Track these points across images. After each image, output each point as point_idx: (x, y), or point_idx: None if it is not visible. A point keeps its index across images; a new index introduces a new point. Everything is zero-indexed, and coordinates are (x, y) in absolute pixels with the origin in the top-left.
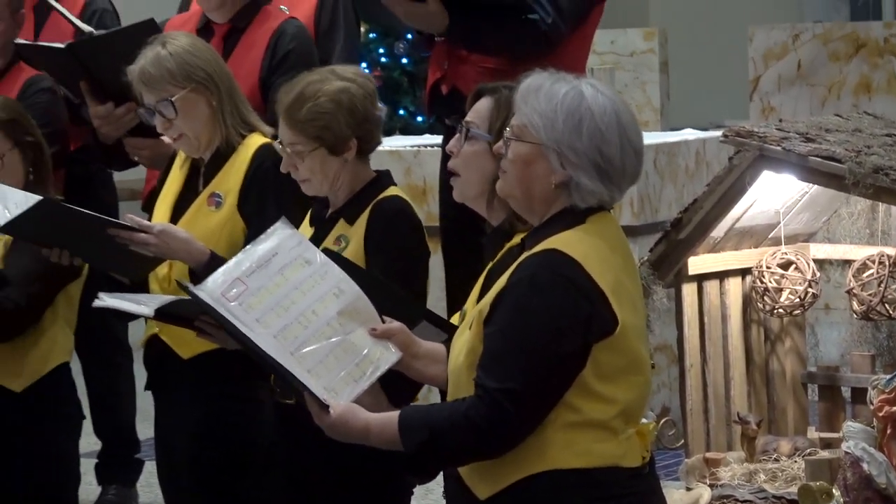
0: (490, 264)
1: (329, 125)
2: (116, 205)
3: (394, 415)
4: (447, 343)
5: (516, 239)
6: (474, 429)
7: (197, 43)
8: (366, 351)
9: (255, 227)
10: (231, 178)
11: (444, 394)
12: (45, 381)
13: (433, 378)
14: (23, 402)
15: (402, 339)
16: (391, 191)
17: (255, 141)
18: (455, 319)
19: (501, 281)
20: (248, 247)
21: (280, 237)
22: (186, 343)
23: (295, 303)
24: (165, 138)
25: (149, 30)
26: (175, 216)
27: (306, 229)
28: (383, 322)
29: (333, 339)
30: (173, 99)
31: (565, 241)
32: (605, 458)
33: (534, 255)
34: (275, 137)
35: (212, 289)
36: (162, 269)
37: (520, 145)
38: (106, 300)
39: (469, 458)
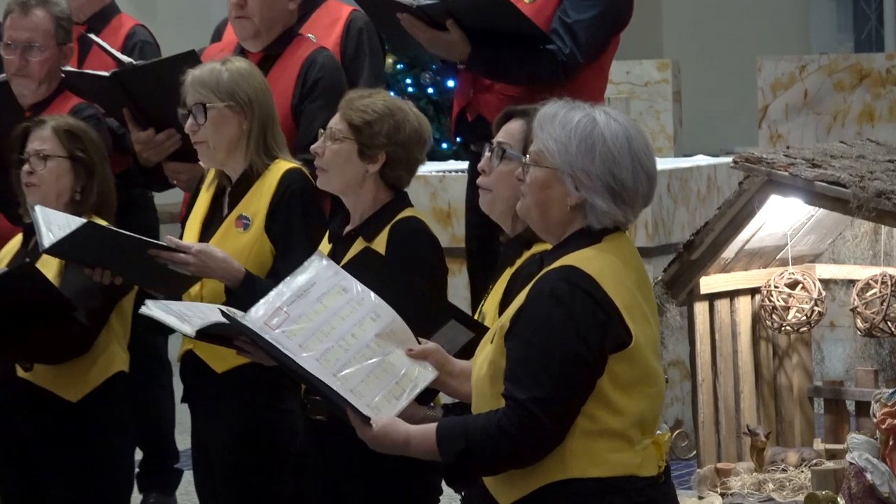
0: (510, 269)
1: (371, 123)
2: (157, 226)
3: (432, 427)
4: (472, 346)
5: (536, 247)
6: (508, 438)
7: (255, 72)
8: (404, 370)
9: (281, 248)
10: (258, 200)
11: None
12: (100, 390)
13: (467, 394)
14: (79, 412)
15: (438, 358)
16: (408, 211)
17: (282, 166)
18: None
19: (521, 297)
20: (286, 278)
21: (317, 268)
22: (220, 358)
23: (335, 328)
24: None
25: (190, 60)
26: (203, 237)
27: (325, 246)
28: (419, 343)
29: (373, 360)
30: (207, 105)
31: (582, 258)
32: (623, 467)
33: (552, 270)
34: (310, 167)
35: (255, 318)
36: (194, 288)
37: (537, 170)
38: (152, 309)
39: (504, 465)
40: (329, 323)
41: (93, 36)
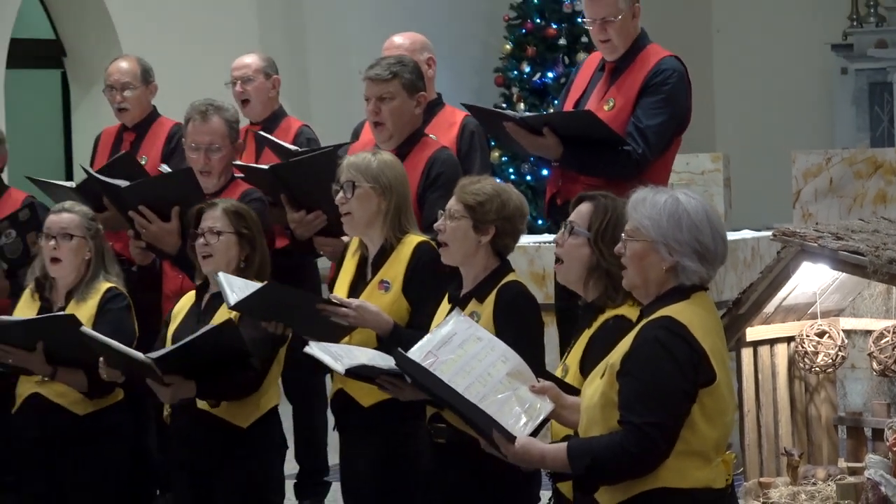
0: (588, 331)
1: (483, 203)
2: (319, 287)
3: (563, 445)
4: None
5: (609, 312)
6: (629, 455)
7: (397, 164)
8: (529, 403)
9: (416, 307)
10: (396, 268)
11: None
12: (263, 418)
13: (576, 423)
14: (247, 436)
15: (555, 394)
16: (511, 276)
17: (414, 239)
18: (559, 372)
19: (626, 341)
20: (434, 329)
21: (456, 322)
22: (366, 394)
23: (474, 368)
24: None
25: (331, 156)
26: (350, 296)
27: (444, 307)
28: (539, 381)
29: (505, 394)
30: (356, 183)
31: (676, 310)
32: (702, 480)
33: (653, 320)
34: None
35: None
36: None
37: (634, 244)
38: (314, 349)
39: (623, 477)
40: (469, 364)
41: (263, 133)
